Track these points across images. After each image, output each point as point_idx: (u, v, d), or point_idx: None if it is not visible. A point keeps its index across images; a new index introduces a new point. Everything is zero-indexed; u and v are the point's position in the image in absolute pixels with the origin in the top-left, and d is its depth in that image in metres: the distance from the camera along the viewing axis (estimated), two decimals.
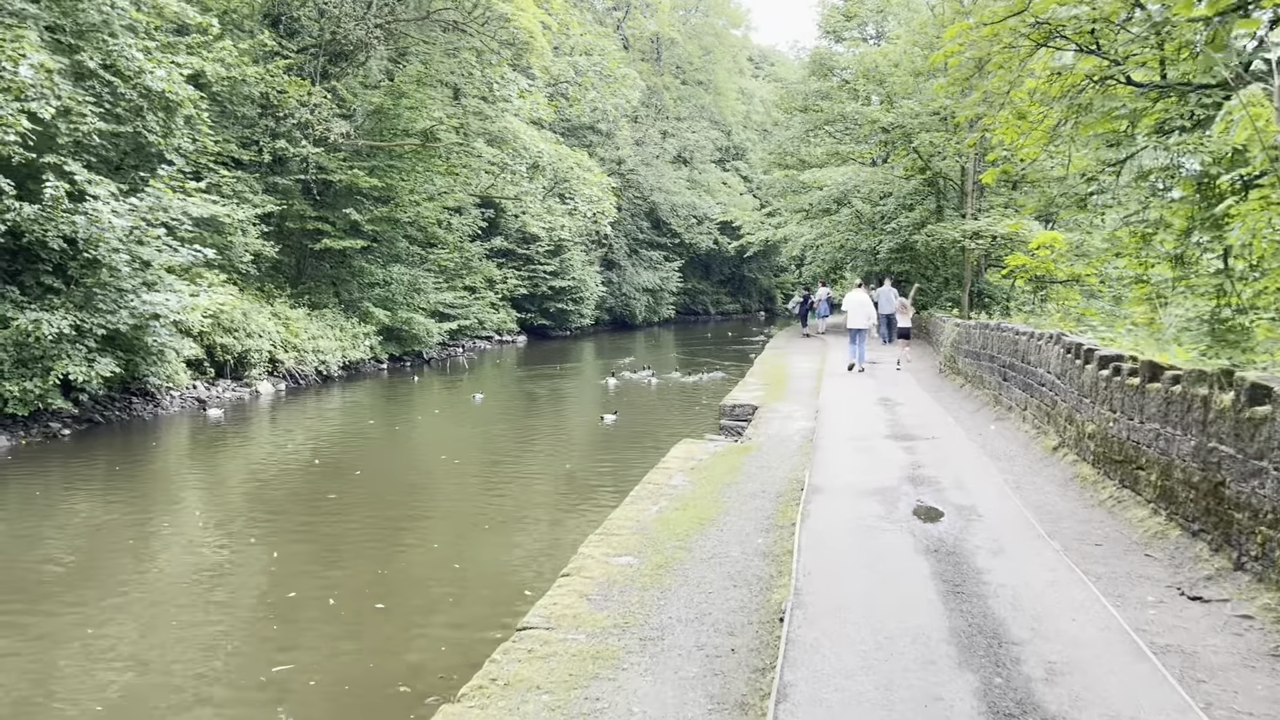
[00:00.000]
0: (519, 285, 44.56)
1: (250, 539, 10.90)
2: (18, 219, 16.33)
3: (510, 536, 11.14)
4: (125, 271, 16.82)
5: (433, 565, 9.95)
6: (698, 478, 10.35)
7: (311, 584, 9.25)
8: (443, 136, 28.45)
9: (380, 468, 15.33)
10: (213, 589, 9.14)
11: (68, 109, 17.19)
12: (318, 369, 26.24)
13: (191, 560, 10.08)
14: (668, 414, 21.63)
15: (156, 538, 11.10)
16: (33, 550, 10.58)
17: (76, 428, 17.61)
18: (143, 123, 18.81)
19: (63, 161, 17.16)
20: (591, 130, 53.11)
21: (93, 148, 18.68)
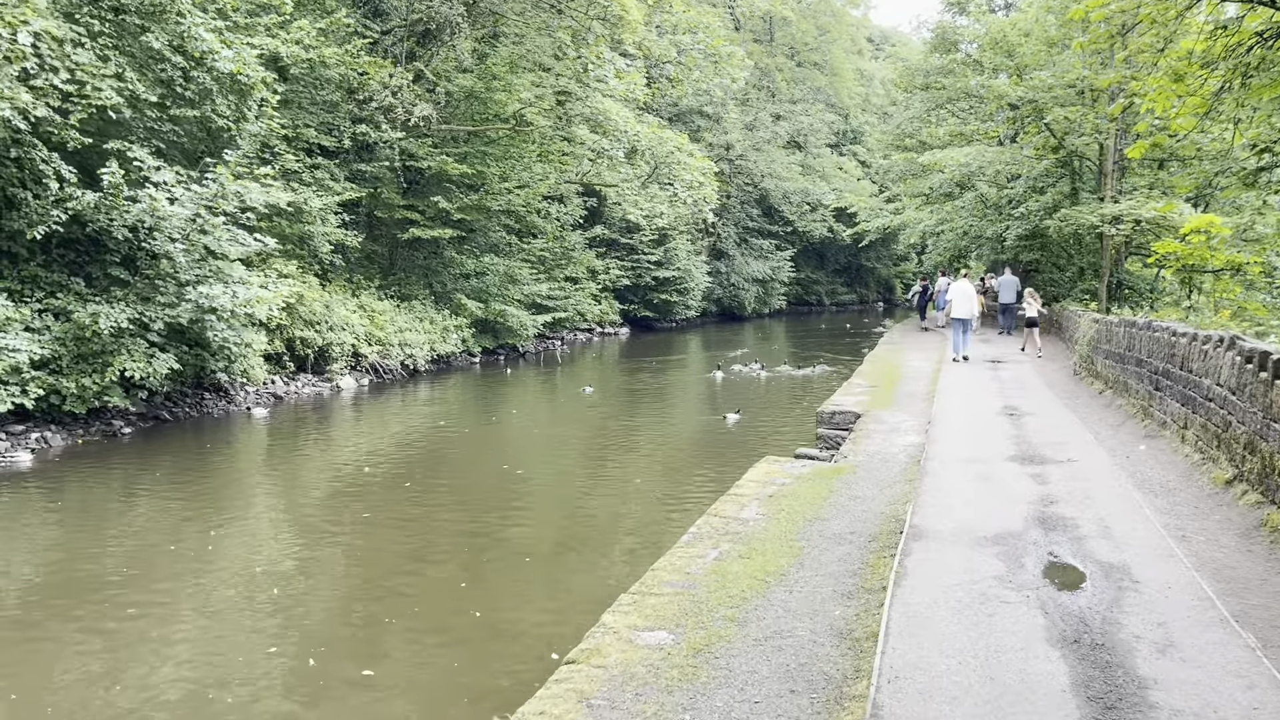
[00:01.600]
0: (622, 276, 43.20)
1: (304, 545, 10.23)
2: (79, 207, 15.67)
3: (564, 570, 9.62)
4: (182, 262, 15.96)
5: (451, 609, 8.49)
6: (775, 509, 8.59)
7: (339, 601, 7.91)
8: (535, 120, 27.14)
9: (445, 473, 14.03)
10: (271, 595, 8.82)
11: (134, 94, 16.46)
12: (404, 363, 25.31)
13: (249, 565, 9.76)
14: (777, 412, 19.89)
15: (213, 541, 10.53)
16: (88, 551, 10.15)
17: (141, 425, 16.93)
18: (212, 106, 17.98)
19: (126, 148, 16.44)
20: (699, 115, 51.29)
21: (163, 133, 17.98)
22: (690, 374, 29.92)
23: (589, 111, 28.17)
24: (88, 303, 16.01)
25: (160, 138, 17.89)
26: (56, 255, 16.76)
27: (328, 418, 19.27)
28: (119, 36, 16.66)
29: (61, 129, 15.18)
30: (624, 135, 29.25)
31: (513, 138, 28.25)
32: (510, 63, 27.40)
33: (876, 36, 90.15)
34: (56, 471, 13.71)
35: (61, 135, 15.23)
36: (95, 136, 16.69)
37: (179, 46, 17.30)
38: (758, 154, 56.73)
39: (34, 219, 15.49)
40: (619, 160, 31.13)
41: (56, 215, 15.54)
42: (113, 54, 16.30)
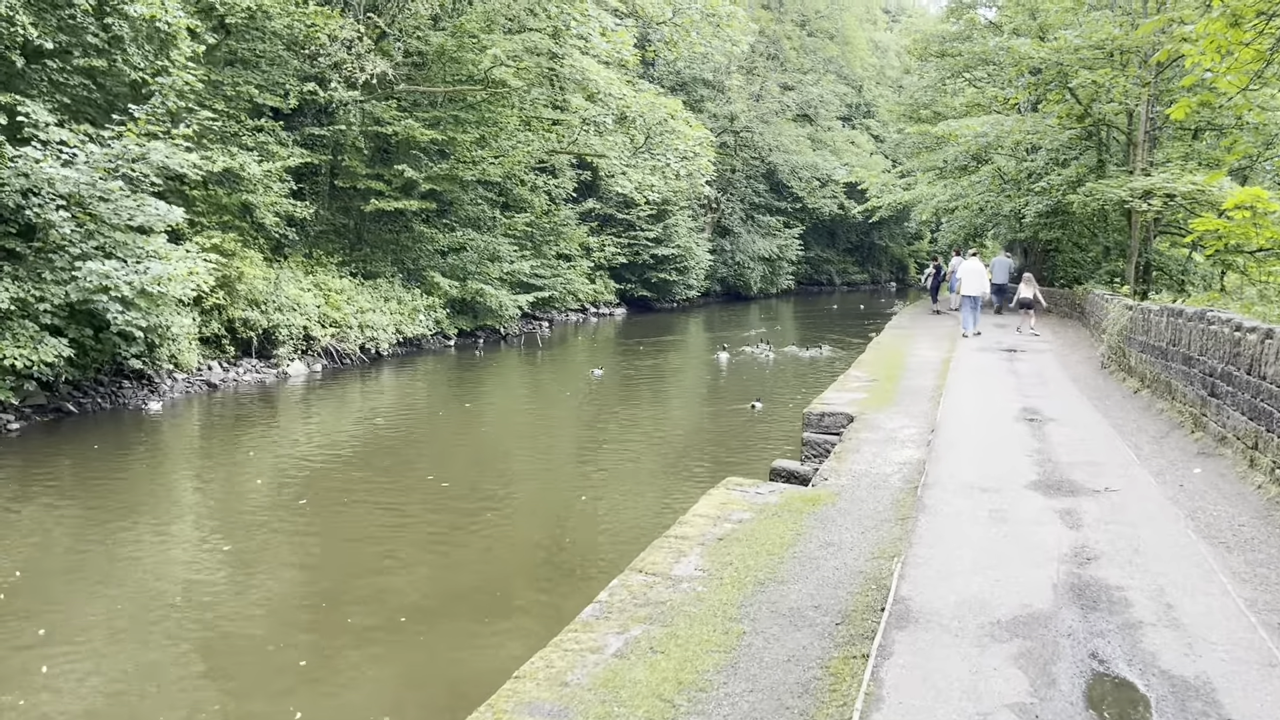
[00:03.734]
0: (618, 253, 40.98)
1: (199, 558, 8.81)
2: None
3: (433, 647, 7.53)
4: (68, 234, 13.85)
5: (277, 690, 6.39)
6: (720, 562, 6.45)
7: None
8: (510, 81, 24.85)
9: (357, 484, 11.94)
10: (172, 614, 7.75)
11: (26, 39, 14.35)
12: (364, 346, 23.20)
13: (145, 580, 8.59)
14: (786, 396, 17.86)
15: (104, 555, 9.22)
16: None
17: (38, 420, 14.89)
18: (124, 56, 15.82)
19: (18, 101, 14.32)
20: (702, 84, 48.82)
21: (70, 87, 15.86)
22: (690, 356, 27.93)
23: (568, 72, 25.85)
24: None
25: (67, 92, 15.77)
26: None
27: (251, 409, 17.16)
28: None
29: None
30: (610, 100, 26.94)
31: (490, 102, 25.97)
32: (486, 19, 25.10)
33: (894, 8, 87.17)
34: None
35: None
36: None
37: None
38: (765, 126, 54.20)
39: None
40: (607, 128, 28.83)
41: None
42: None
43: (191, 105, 16.09)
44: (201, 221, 18.93)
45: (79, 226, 14.20)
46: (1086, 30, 26.17)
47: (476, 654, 7.17)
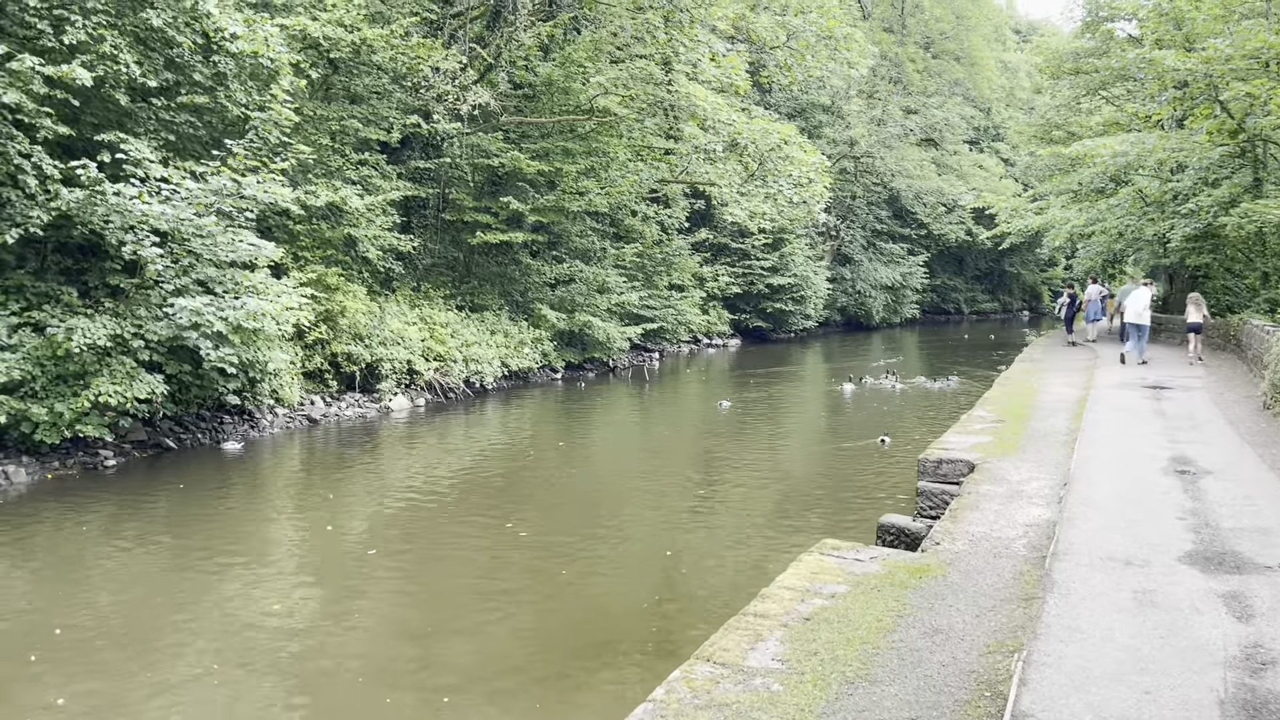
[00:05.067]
0: (731, 283, 40.04)
1: (293, 598, 8.94)
2: (63, 207, 13.72)
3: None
4: (161, 270, 13.82)
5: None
6: (802, 652, 5.46)
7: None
8: (618, 110, 24.36)
9: (436, 530, 11.34)
10: (258, 653, 7.57)
11: (130, 78, 14.49)
12: (468, 380, 22.90)
13: (236, 620, 8.40)
14: (912, 430, 16.71)
15: (195, 591, 9.10)
16: (56, 608, 8.57)
17: (137, 455, 14.90)
18: (227, 93, 15.89)
19: (120, 139, 14.45)
20: (820, 109, 47.65)
21: (176, 124, 16.01)
22: (808, 389, 26.87)
23: (676, 100, 25.20)
24: (76, 316, 14.08)
25: (172, 129, 15.92)
26: (51, 261, 14.96)
27: (351, 445, 16.89)
28: (117, 14, 14.69)
29: (34, 115, 13.27)
30: (721, 127, 26.18)
31: (598, 132, 25.55)
32: (594, 47, 24.72)
33: (1024, 27, 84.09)
34: (3, 513, 11.65)
35: (34, 121, 13.32)
36: (94, 128, 14.86)
37: (187, 24, 15.28)
38: (887, 151, 52.52)
39: (16, 220, 13.64)
40: (718, 155, 28.06)
41: (37, 216, 13.64)
42: (109, 33, 14.33)
43: (288, 140, 16.00)
44: (305, 256, 18.95)
45: (174, 262, 14.19)
46: (1239, 39, 24.04)
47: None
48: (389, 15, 20.47)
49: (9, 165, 13.48)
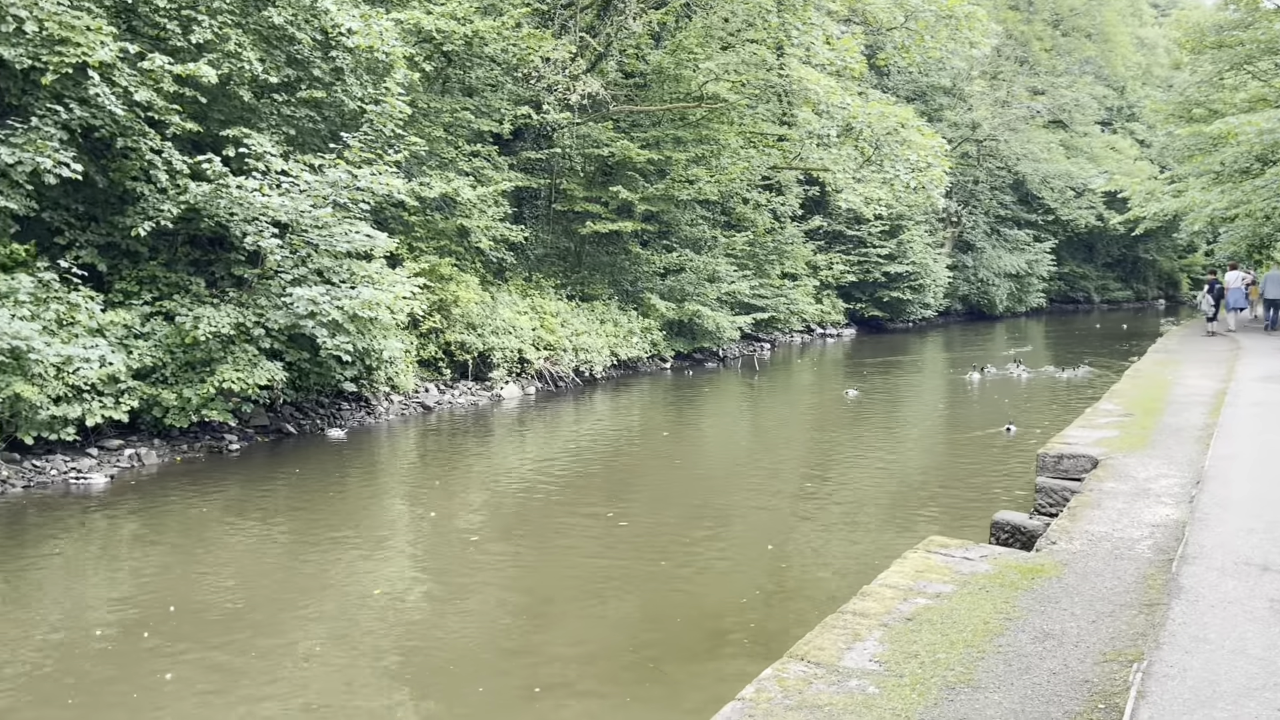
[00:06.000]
0: (846, 271, 39.26)
1: (412, 579, 9.26)
2: (191, 200, 14.32)
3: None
4: (280, 260, 14.28)
5: None
6: (902, 653, 5.21)
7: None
8: (729, 97, 24.06)
9: (535, 518, 11.40)
10: (371, 635, 7.70)
11: (252, 74, 15.01)
12: (578, 369, 23.04)
13: (358, 599, 8.58)
14: (1038, 421, 16.21)
15: (312, 572, 9.30)
16: (171, 582, 8.97)
17: (260, 440, 15.47)
18: (343, 87, 16.31)
19: (244, 134, 14.98)
20: (941, 91, 46.21)
21: (297, 119, 16.53)
22: (927, 378, 26.23)
23: (787, 84, 24.73)
24: (203, 305, 14.69)
25: (292, 123, 16.44)
26: (181, 253, 15.63)
27: (463, 432, 17.18)
28: (241, 13, 15.22)
29: (164, 113, 13.86)
30: (835, 111, 25.59)
31: (709, 119, 25.32)
32: (705, 33, 24.48)
33: (1162, 1, 79.82)
34: (134, 493, 12.23)
35: (164, 118, 13.91)
36: (220, 124, 15.45)
37: (306, 21, 15.72)
38: (1012, 134, 50.59)
39: (149, 213, 14.31)
40: (832, 140, 27.45)
41: (168, 210, 14.27)
42: (233, 31, 14.87)
43: (402, 132, 16.32)
44: (419, 246, 19.34)
45: (293, 253, 14.65)
46: None
47: None
48: (500, 7, 20.68)
49: (142, 161, 14.13)
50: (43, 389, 12.28)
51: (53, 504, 11.61)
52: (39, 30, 12.35)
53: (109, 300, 14.19)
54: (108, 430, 13.79)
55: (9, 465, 12.33)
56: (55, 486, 12.32)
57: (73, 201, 14.33)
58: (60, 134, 13.05)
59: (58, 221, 14.18)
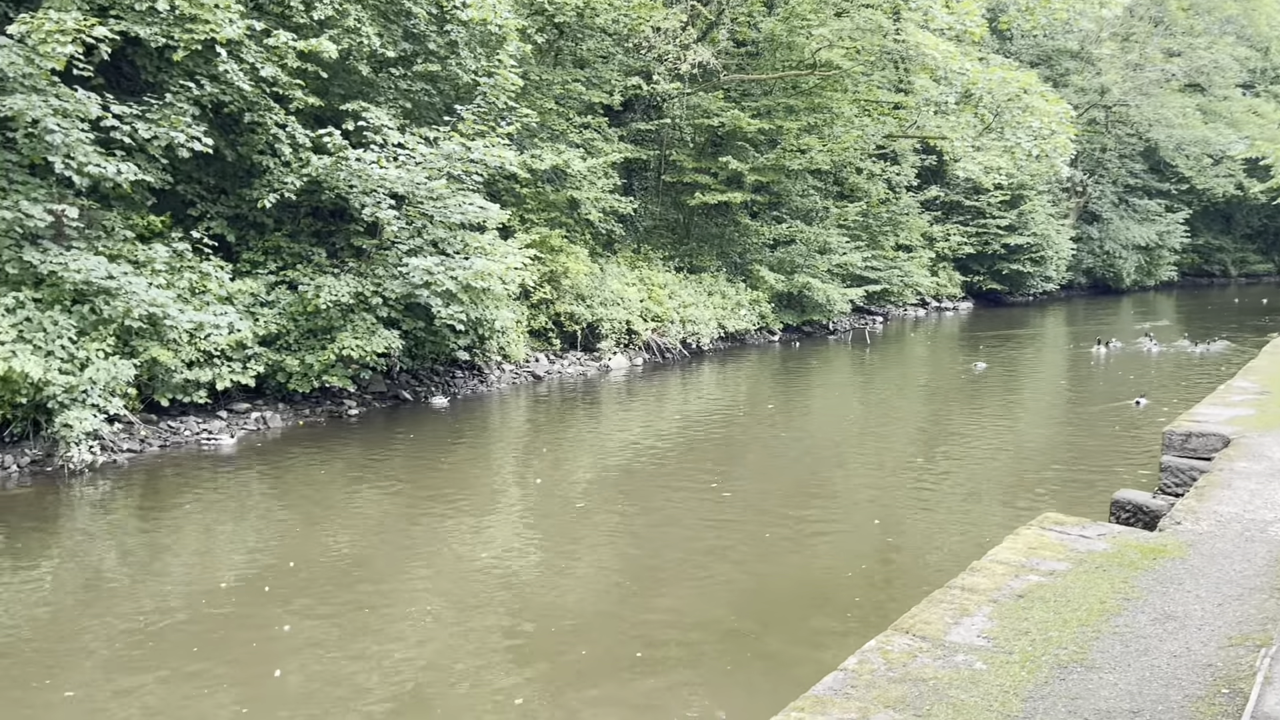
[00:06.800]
0: (964, 243, 38.12)
1: (527, 541, 9.55)
2: (313, 173, 14.81)
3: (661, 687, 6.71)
4: (397, 231, 14.65)
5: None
6: (1012, 629, 5.08)
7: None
8: (843, 64, 23.53)
9: (641, 486, 11.49)
10: (499, 592, 8.06)
11: (370, 49, 15.39)
12: (685, 341, 23.04)
13: (474, 559, 8.91)
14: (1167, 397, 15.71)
15: (426, 534, 9.62)
16: (296, 543, 9.26)
17: (378, 406, 15.98)
18: (458, 60, 16.57)
19: (363, 108, 15.39)
20: (1068, 55, 44.21)
21: (413, 93, 16.89)
22: (1049, 353, 25.46)
23: (903, 50, 23.99)
24: (324, 274, 15.21)
25: (409, 97, 16.80)
26: (304, 224, 16.20)
27: (572, 401, 17.41)
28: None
29: (287, 88, 14.34)
30: (954, 77, 24.74)
31: (822, 87, 24.83)
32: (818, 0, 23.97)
33: None
34: (259, 455, 12.82)
35: (288, 93, 14.39)
36: (340, 98, 15.90)
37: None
38: (1143, 98, 48.07)
39: (274, 186, 14.87)
40: (950, 107, 26.59)
41: (291, 182, 14.79)
42: (353, 7, 15.25)
43: (514, 105, 16.50)
44: (530, 218, 19.60)
45: (409, 224, 15.01)
46: None
47: (700, 705, 6.27)
48: None
49: (267, 135, 14.67)
50: (177, 354, 12.93)
51: (186, 463, 12.25)
52: (170, 9, 12.89)
53: (237, 270, 14.82)
54: (236, 394, 14.44)
55: (147, 426, 13.05)
56: (188, 446, 12.99)
57: (204, 175, 14.99)
58: (192, 109, 13.63)
59: (190, 194, 14.86)
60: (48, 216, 11.89)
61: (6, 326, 11.18)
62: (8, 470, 11.31)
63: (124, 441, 12.47)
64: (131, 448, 12.47)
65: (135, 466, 11.98)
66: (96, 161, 12.05)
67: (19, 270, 11.75)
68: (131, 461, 12.16)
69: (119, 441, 12.39)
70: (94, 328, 12.07)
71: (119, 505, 10.59)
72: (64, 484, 11.04)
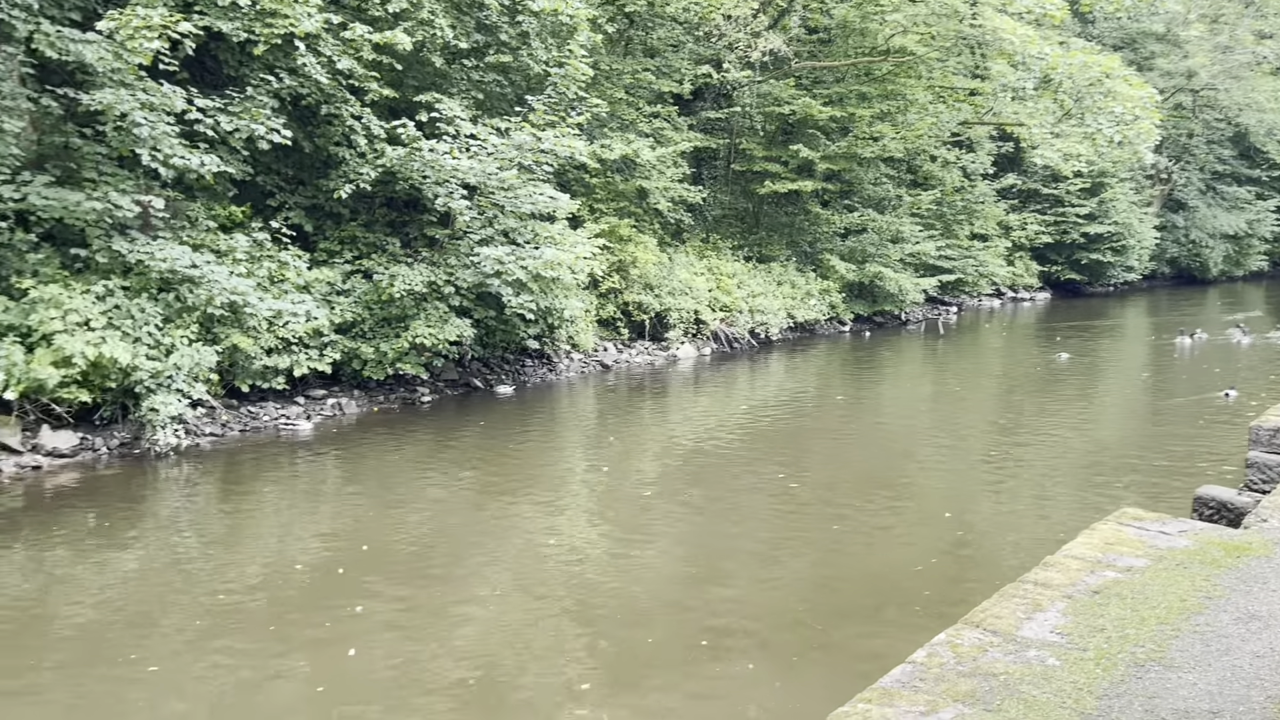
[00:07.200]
0: (1042, 232, 37.24)
1: (594, 528, 9.62)
2: (387, 164, 15.06)
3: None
4: (469, 221, 14.82)
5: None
6: (1086, 626, 4.97)
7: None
8: (917, 50, 23.12)
9: (708, 480, 11.49)
10: (567, 577, 8.17)
11: (444, 41, 15.59)
12: (753, 331, 22.93)
13: (542, 545, 9.05)
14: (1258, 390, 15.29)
15: (493, 520, 9.77)
16: (369, 526, 9.44)
17: (449, 393, 16.22)
18: (529, 51, 16.69)
19: (436, 100, 15.60)
20: (1152, 38, 42.81)
21: (485, 84, 17.06)
22: (1129, 344, 24.83)
23: (980, 35, 23.46)
24: (398, 264, 15.48)
25: (481, 88, 16.97)
26: (379, 214, 16.49)
27: (640, 390, 17.46)
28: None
29: (363, 80, 14.59)
30: (1032, 61, 24.13)
31: (895, 74, 24.45)
32: None
33: None
34: (335, 440, 13.13)
35: (363, 86, 14.66)
36: (414, 89, 16.13)
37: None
38: (1233, 82, 46.32)
39: (349, 177, 15.16)
40: (1028, 93, 25.94)
41: (366, 173, 15.07)
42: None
43: (584, 95, 16.57)
44: (600, 208, 19.68)
45: (480, 214, 15.18)
46: None
47: (764, 694, 6.26)
48: None
49: (343, 126, 14.97)
50: (257, 341, 13.29)
51: (265, 447, 12.59)
52: (252, 3, 13.21)
53: (314, 259, 15.15)
54: (313, 380, 14.79)
55: (228, 410, 13.44)
56: (267, 431, 13.35)
57: (283, 166, 15.35)
58: (272, 102, 13.97)
59: (269, 185, 15.23)
60: (135, 207, 12.29)
61: (97, 313, 11.60)
62: (98, 452, 11.75)
63: (206, 426, 12.87)
64: (213, 432, 12.86)
65: (217, 450, 12.35)
66: (181, 154, 12.42)
67: (109, 259, 12.18)
68: (213, 445, 12.54)
69: (202, 425, 12.79)
70: (178, 315, 12.46)
71: (202, 487, 10.94)
72: (150, 466, 11.43)
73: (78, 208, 11.71)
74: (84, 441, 11.74)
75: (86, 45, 11.75)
